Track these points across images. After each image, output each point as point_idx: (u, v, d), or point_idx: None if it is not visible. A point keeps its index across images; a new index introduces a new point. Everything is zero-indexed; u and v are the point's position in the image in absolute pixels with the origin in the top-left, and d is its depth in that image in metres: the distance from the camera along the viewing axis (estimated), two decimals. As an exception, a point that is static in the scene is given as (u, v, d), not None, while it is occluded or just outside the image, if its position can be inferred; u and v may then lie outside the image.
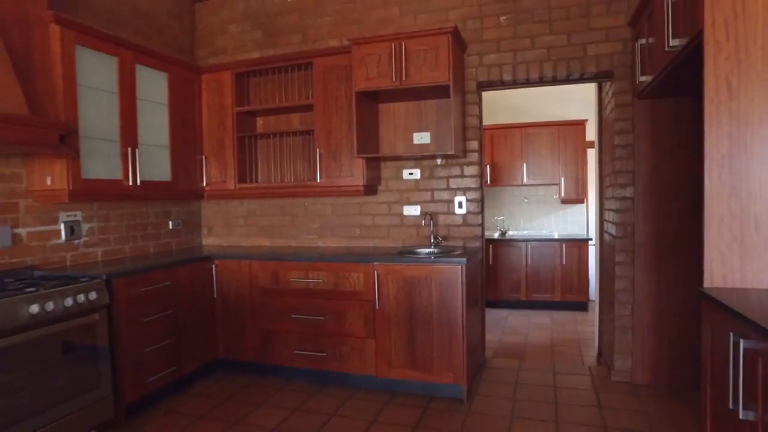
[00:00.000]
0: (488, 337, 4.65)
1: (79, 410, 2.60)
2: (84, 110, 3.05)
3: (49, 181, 3.00)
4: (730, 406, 1.57)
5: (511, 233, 6.46)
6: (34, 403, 2.36)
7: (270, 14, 4.27)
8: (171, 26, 4.27)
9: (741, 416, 1.50)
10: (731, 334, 1.57)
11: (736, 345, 1.51)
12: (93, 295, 2.69)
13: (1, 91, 2.52)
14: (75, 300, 2.59)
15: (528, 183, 6.33)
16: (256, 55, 4.31)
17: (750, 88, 1.88)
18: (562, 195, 6.20)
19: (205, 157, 4.08)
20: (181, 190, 3.89)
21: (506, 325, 5.29)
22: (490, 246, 6.11)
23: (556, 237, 6.08)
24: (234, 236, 4.46)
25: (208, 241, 4.55)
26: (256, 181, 4.18)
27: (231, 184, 4.02)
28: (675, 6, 2.25)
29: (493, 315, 5.64)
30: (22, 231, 3.04)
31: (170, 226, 4.21)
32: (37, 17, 2.86)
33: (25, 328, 2.35)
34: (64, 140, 2.87)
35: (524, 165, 6.30)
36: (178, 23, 4.36)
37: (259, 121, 4.25)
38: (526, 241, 6.08)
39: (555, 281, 6.00)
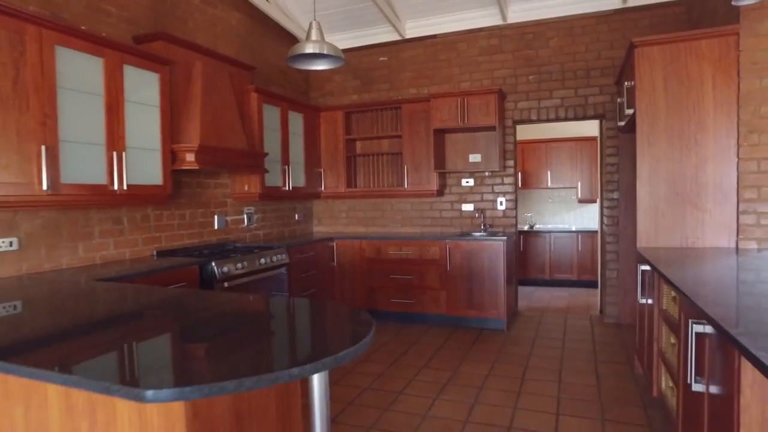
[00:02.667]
0: (520, 303, 6.37)
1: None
2: (267, 142, 4.92)
3: (246, 188, 4.88)
4: (639, 297, 3.30)
5: (538, 226, 8.15)
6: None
7: (366, 69, 6.09)
8: (296, 77, 6.14)
9: (639, 300, 3.23)
10: (640, 265, 3.30)
11: (644, 272, 3.25)
12: (283, 257, 4.54)
13: (236, 135, 4.39)
14: (275, 259, 4.44)
15: (551, 186, 8.00)
16: (354, 97, 6.14)
17: (658, 140, 3.59)
18: (579, 196, 7.86)
19: (323, 170, 5.93)
20: (309, 193, 5.74)
21: (534, 297, 6.99)
22: (521, 236, 7.81)
23: (573, 229, 7.74)
24: (337, 225, 6.30)
25: (318, 229, 6.41)
26: (357, 187, 6.01)
27: (341, 189, 5.87)
28: (628, 90, 3.96)
29: (523, 290, 7.33)
30: (228, 218, 4.93)
31: (296, 218, 6.08)
32: (246, 89, 4.73)
33: (258, 272, 4.20)
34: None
35: (548, 172, 7.98)
36: (300, 75, 6.22)
37: (359, 144, 6.08)
38: (550, 232, 7.76)
39: (573, 264, 7.66)
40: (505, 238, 4.92)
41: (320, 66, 3.80)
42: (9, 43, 2.69)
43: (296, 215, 6.07)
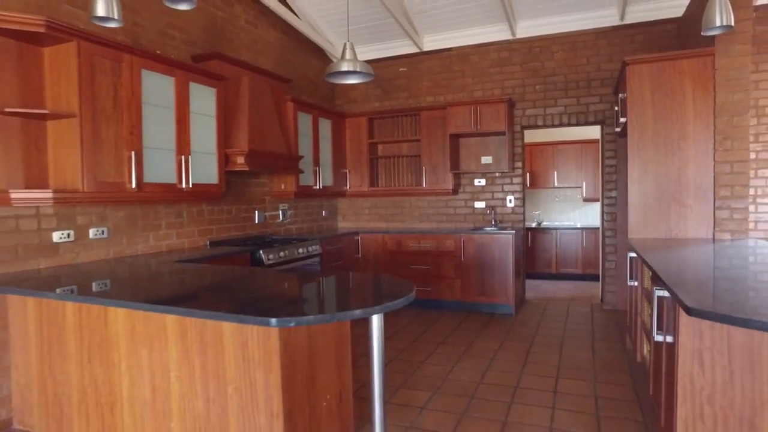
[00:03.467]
0: (527, 293, 6.93)
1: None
2: (300, 145, 5.53)
3: (282, 186, 5.49)
4: (627, 281, 3.87)
5: (545, 223, 8.70)
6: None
7: (387, 78, 6.69)
8: (323, 86, 6.75)
9: (628, 283, 3.80)
10: (628, 253, 3.86)
11: (631, 259, 3.82)
12: (316, 248, 5.15)
13: (276, 140, 5.00)
14: (310, 249, 5.05)
15: (558, 186, 8.55)
16: (377, 104, 6.74)
17: (647, 145, 4.15)
18: (584, 195, 8.40)
19: (348, 170, 6.54)
20: (336, 191, 6.35)
21: (540, 288, 7.54)
22: (529, 233, 8.37)
23: (578, 226, 8.28)
24: (360, 221, 6.91)
25: (343, 225, 7.02)
26: (378, 186, 6.60)
27: (365, 188, 6.47)
28: (621, 101, 4.52)
29: (531, 283, 7.88)
30: (266, 213, 5.55)
31: (323, 214, 6.69)
32: (284, 99, 5.34)
33: (296, 260, 4.81)
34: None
35: (555, 172, 8.52)
36: (327, 84, 6.83)
37: (380, 147, 6.68)
38: (556, 229, 8.31)
39: (577, 259, 8.20)
40: (513, 232, 5.50)
41: (353, 80, 4.39)
42: (111, 69, 3.32)
43: (323, 212, 6.68)
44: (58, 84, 3.19)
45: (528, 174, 8.55)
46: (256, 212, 5.36)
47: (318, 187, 5.84)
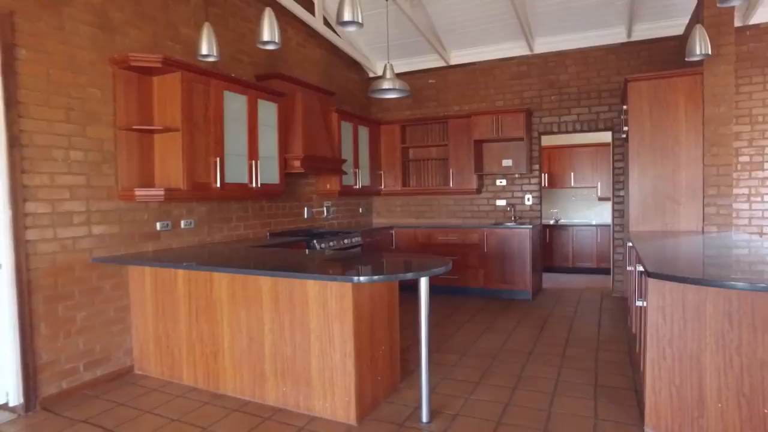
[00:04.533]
0: (544, 284, 7.61)
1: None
2: (343, 150, 6.33)
3: (327, 186, 6.29)
4: (626, 266, 4.57)
5: (562, 221, 9.36)
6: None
7: (418, 89, 7.45)
8: (359, 96, 7.55)
9: (627, 268, 4.50)
10: (627, 242, 4.56)
11: (630, 247, 4.51)
12: (358, 239, 5.94)
13: (324, 146, 5.80)
14: (353, 240, 5.84)
15: (574, 186, 9.20)
16: (408, 113, 7.51)
17: (645, 151, 4.84)
18: (599, 194, 9.03)
19: (383, 172, 7.32)
20: (372, 191, 7.13)
21: (557, 280, 8.21)
22: (548, 230, 9.03)
23: (593, 223, 8.92)
24: (393, 218, 7.68)
25: (377, 220, 7.80)
26: (410, 186, 7.37)
27: (398, 187, 7.25)
28: (624, 112, 5.20)
29: (549, 276, 8.54)
30: (314, 210, 6.36)
31: (360, 211, 7.49)
32: (329, 110, 6.14)
33: (343, 249, 5.60)
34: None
35: (572, 173, 9.17)
36: (362, 94, 7.62)
37: (411, 151, 7.44)
38: (573, 226, 8.96)
39: (592, 253, 8.84)
40: (531, 226, 6.22)
41: (392, 95, 5.17)
42: (203, 91, 4.16)
43: (360, 209, 7.48)
44: (164, 105, 4.03)
45: (546, 175, 9.22)
46: (306, 208, 6.18)
47: (358, 186, 6.63)
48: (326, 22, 6.41)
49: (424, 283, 2.87)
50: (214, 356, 3.53)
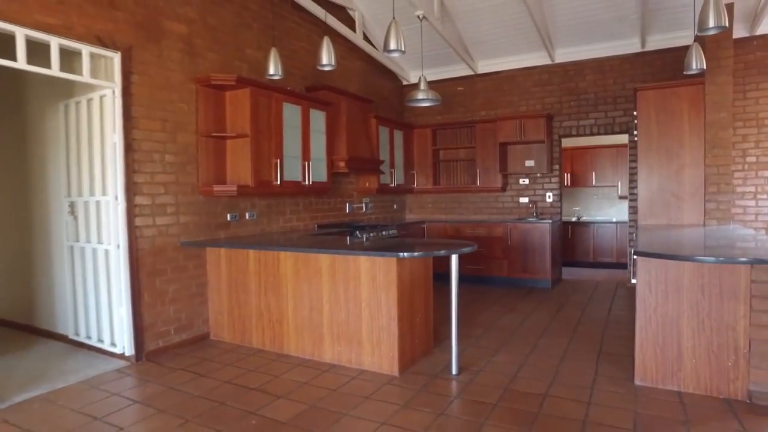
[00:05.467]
0: (564, 276, 8.19)
1: (392, 275, 6.59)
2: (381, 152, 7.05)
3: (367, 184, 7.03)
4: (633, 255, 5.17)
5: (584, 218, 9.89)
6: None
7: (447, 95, 8.12)
8: (394, 102, 8.26)
9: (633, 257, 5.10)
10: (635, 233, 5.17)
11: (631, 236, 5.12)
12: (395, 232, 6.65)
13: (365, 148, 6.53)
14: (390, 232, 6.54)
15: (596, 185, 9.72)
16: (438, 118, 8.20)
17: (652, 153, 5.42)
18: (619, 193, 9.54)
19: (416, 172, 8.03)
20: (406, 189, 7.84)
21: (577, 273, 8.77)
22: (569, 226, 9.58)
23: (614, 221, 9.44)
24: (424, 214, 8.38)
25: (410, 216, 8.51)
26: (440, 184, 8.05)
27: (429, 186, 7.94)
28: (635, 116, 5.78)
29: (570, 269, 9.09)
30: (354, 205, 7.10)
31: (394, 207, 8.21)
32: (369, 116, 6.88)
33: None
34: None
35: (593, 173, 9.70)
36: (397, 100, 8.34)
37: (441, 153, 8.13)
38: (594, 223, 9.50)
39: (612, 249, 9.36)
40: (550, 221, 6.83)
41: (425, 104, 5.85)
42: (266, 105, 4.93)
43: (394, 205, 8.20)
44: (235, 115, 4.82)
45: (569, 175, 9.77)
46: (347, 204, 6.93)
47: (393, 185, 7.35)
48: (365, 37, 7.15)
49: (454, 260, 3.57)
50: (280, 323, 4.30)
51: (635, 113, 5.78)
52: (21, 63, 3.27)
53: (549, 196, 7.47)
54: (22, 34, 3.27)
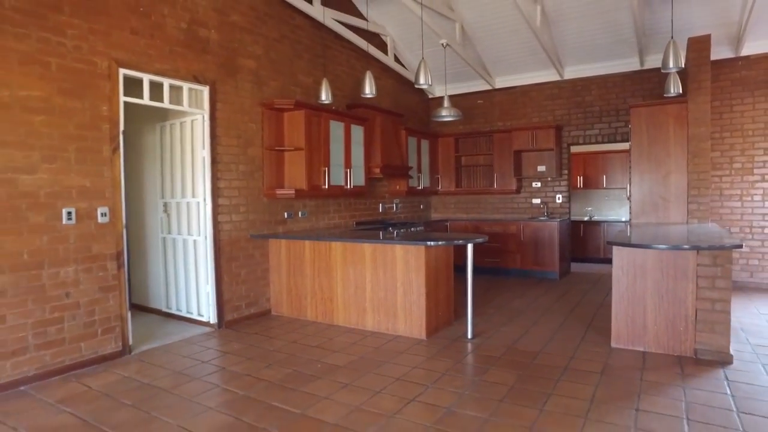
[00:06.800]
0: (573, 270, 9.08)
1: (419, 266, 7.60)
2: (410, 159, 8.07)
3: (397, 187, 8.07)
4: (624, 248, 6.11)
5: (595, 218, 10.74)
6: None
7: (467, 108, 9.10)
8: (421, 114, 9.28)
9: (624, 248, 6.06)
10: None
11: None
12: (422, 229, 7.67)
13: (396, 156, 7.56)
14: (418, 229, 7.56)
15: (607, 187, 10.57)
16: (460, 128, 9.18)
17: (643, 161, 6.33)
18: (628, 194, 10.35)
19: (440, 176, 9.03)
20: (431, 191, 8.85)
21: (586, 268, 9.64)
22: (581, 225, 10.45)
23: (623, 220, 10.27)
24: (447, 213, 9.38)
25: (434, 215, 9.52)
26: (461, 187, 9.04)
27: (452, 188, 8.94)
28: (630, 129, 6.68)
29: (580, 265, 9.97)
30: (386, 205, 8.14)
31: (421, 207, 9.23)
32: (399, 128, 7.91)
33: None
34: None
35: (604, 176, 10.55)
36: (423, 110, 9.35)
37: (463, 159, 9.11)
38: (604, 222, 10.35)
39: (621, 245, 10.19)
40: (559, 220, 7.77)
41: (448, 119, 6.86)
42: (317, 123, 6.01)
43: (421, 206, 9.22)
44: (291, 132, 5.91)
45: (582, 177, 10.65)
46: (380, 204, 7.98)
47: (420, 187, 8.38)
48: (396, 59, 8.19)
49: (470, 248, 4.58)
50: (330, 300, 5.36)
51: (629, 126, 6.68)
52: (146, 100, 4.41)
53: (558, 198, 8.39)
54: (147, 79, 4.41)
